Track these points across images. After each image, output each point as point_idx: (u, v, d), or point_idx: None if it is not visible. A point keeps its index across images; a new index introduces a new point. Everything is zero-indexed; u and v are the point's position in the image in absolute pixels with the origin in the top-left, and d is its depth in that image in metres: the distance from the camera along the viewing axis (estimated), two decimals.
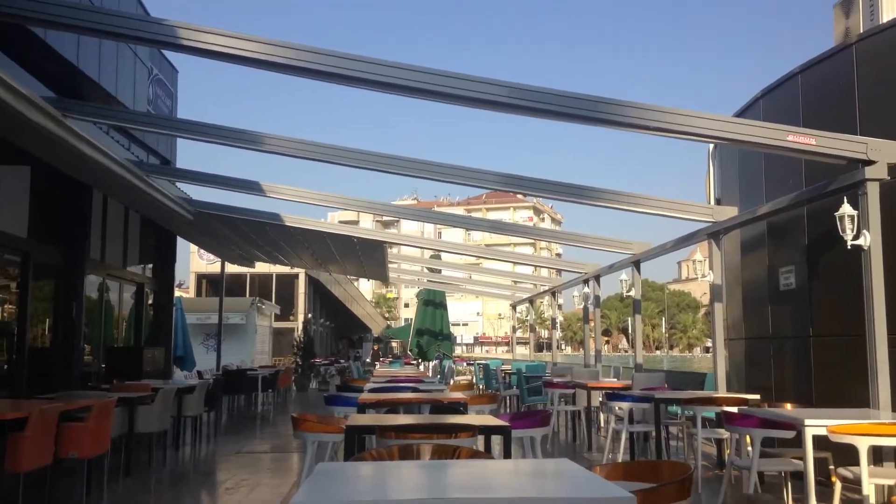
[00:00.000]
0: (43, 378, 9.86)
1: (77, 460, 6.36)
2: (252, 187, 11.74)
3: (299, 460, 8.77)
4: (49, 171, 9.32)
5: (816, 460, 5.12)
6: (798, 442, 5.10)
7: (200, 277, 36.08)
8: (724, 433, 7.13)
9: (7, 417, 5.30)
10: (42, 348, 10.37)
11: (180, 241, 15.74)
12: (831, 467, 5.34)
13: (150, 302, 14.49)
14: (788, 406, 6.44)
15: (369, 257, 17.40)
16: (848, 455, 4.84)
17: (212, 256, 25.00)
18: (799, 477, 5.18)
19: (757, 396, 7.57)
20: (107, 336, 12.55)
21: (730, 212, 9.29)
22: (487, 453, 4.52)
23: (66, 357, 10.52)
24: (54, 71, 9.17)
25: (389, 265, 19.16)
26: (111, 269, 12.53)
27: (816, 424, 4.87)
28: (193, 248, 32.70)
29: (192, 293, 35.55)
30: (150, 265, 14.67)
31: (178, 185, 12.50)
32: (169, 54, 13.61)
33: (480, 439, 4.70)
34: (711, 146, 10.98)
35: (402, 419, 5.31)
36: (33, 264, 9.72)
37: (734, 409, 6.05)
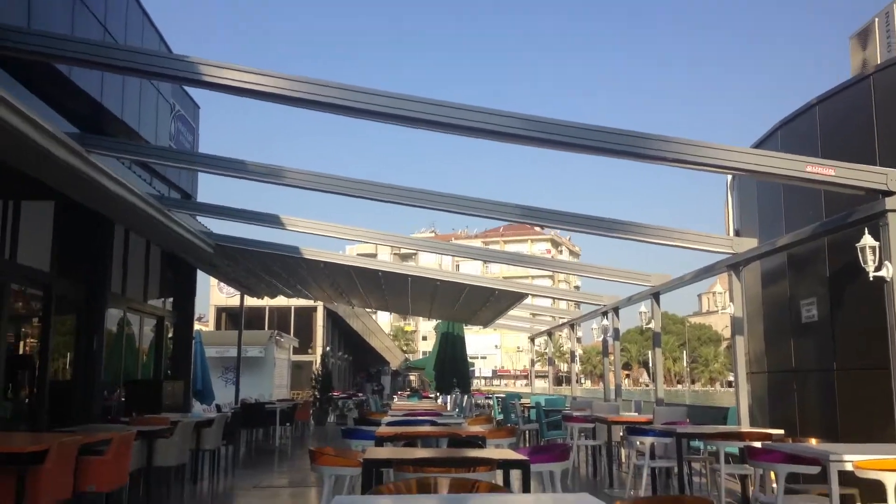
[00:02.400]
0: (63, 411, 9.91)
1: (96, 494, 6.36)
2: (271, 220, 11.85)
3: (317, 495, 8.71)
4: (72, 205, 9.47)
5: (843, 496, 5.01)
6: (824, 478, 4.99)
7: (220, 311, 36.28)
8: (749, 469, 7.00)
9: (27, 451, 5.32)
10: (63, 381, 10.44)
11: (200, 275, 15.88)
12: None
13: (169, 335, 14.56)
14: (813, 441, 6.32)
15: (392, 289, 17.50)
16: (875, 491, 4.73)
17: (231, 290, 25.16)
18: None
19: (781, 431, 7.43)
20: (127, 369, 12.61)
21: (749, 243, 9.23)
22: (506, 487, 4.47)
23: (86, 390, 10.57)
24: (78, 107, 9.36)
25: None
26: (132, 303, 12.64)
27: (842, 460, 4.77)
28: (213, 281, 32.93)
29: (211, 326, 35.73)
30: (171, 299, 14.78)
31: (199, 218, 12.65)
32: (191, 90, 13.86)
33: (499, 473, 4.64)
34: (730, 177, 10.95)
35: (420, 453, 5.28)
36: (55, 298, 9.83)
37: (758, 444, 5.95)
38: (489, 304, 17.84)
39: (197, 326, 17.92)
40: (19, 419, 9.22)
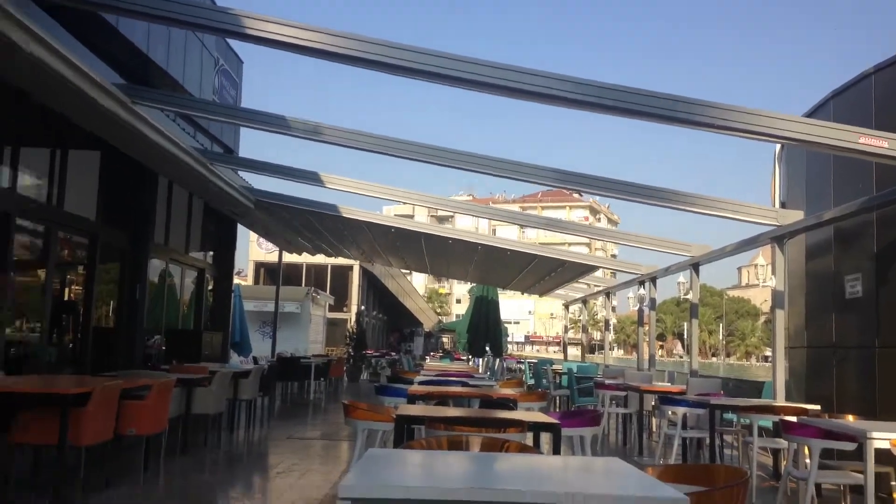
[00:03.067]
0: (106, 357, 10.19)
1: (136, 437, 6.56)
2: (311, 178, 11.91)
3: (349, 448, 8.87)
4: (118, 156, 9.61)
5: (878, 475, 4.95)
6: (859, 455, 4.93)
7: (258, 266, 36.82)
8: (782, 443, 6.94)
9: (71, 392, 5.49)
10: (106, 328, 10.72)
11: (240, 230, 16.09)
12: (893, 483, 5.15)
13: (210, 287, 14.83)
14: (850, 417, 6.23)
15: (432, 251, 17.57)
16: None
17: (270, 245, 25.48)
18: (858, 491, 5.01)
19: (817, 407, 7.34)
20: (168, 319, 12.90)
21: (795, 215, 9.02)
22: (536, 449, 4.49)
23: (128, 337, 10.85)
24: (124, 58, 9.44)
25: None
26: (174, 254, 12.87)
27: (879, 437, 4.70)
28: (253, 236, 33.37)
29: (250, 281, 36.32)
30: (211, 252, 15.02)
31: (240, 173, 12.76)
32: (235, 46, 13.89)
33: (529, 436, 4.66)
34: (778, 147, 10.67)
35: (452, 412, 5.32)
36: (100, 246, 10.05)
37: (793, 419, 5.89)
38: (528, 271, 17.82)
39: (236, 280, 18.21)
40: (64, 363, 9.51)
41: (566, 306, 24.56)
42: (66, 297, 10.19)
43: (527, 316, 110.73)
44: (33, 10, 7.03)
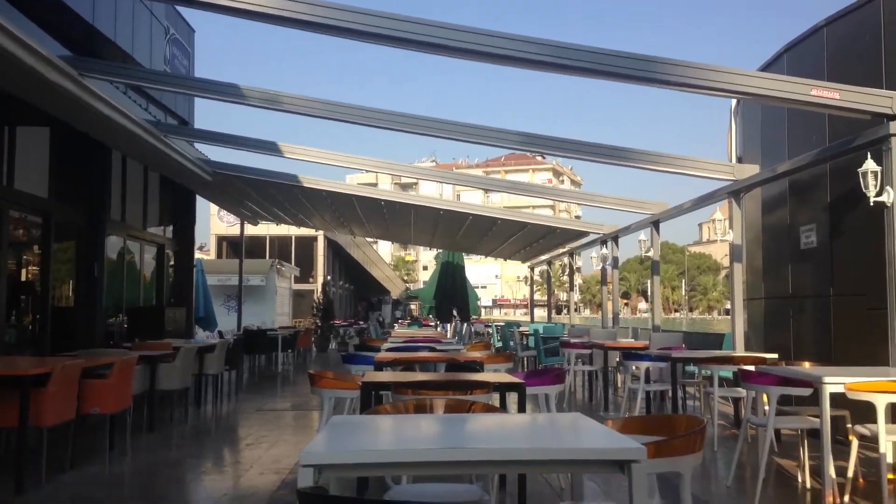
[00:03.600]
0: (66, 337, 10.03)
1: (100, 416, 6.48)
2: (270, 148, 11.75)
3: (319, 417, 8.89)
4: (68, 131, 9.36)
5: (834, 418, 5.09)
6: (815, 400, 5.07)
7: (221, 239, 36.39)
8: (741, 392, 7.12)
9: (30, 373, 5.40)
10: (65, 308, 10.53)
11: (201, 204, 15.85)
12: (849, 425, 5.31)
13: (171, 263, 14.63)
14: (806, 364, 6.40)
15: (395, 219, 17.54)
16: (866, 413, 4.81)
17: (232, 219, 25.18)
18: (816, 435, 5.15)
19: (775, 356, 7.52)
20: (129, 296, 12.72)
21: (751, 170, 9.16)
22: (502, 409, 4.54)
23: (88, 316, 10.68)
24: (70, 29, 9.15)
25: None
26: (132, 230, 12.64)
27: (834, 382, 4.83)
28: (214, 209, 32.95)
29: (212, 255, 35.89)
30: (171, 227, 14.79)
31: (197, 145, 12.52)
32: (186, 14, 13.53)
33: (496, 397, 4.71)
34: (734, 103, 10.78)
35: (419, 376, 5.34)
36: (55, 224, 9.83)
37: (751, 368, 6.03)
38: (491, 234, 17.89)
39: (198, 255, 17.99)
40: (23, 344, 9.35)
41: (531, 268, 24.75)
42: (22, 278, 9.98)
43: (494, 280, 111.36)
44: None
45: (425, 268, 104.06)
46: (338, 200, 15.30)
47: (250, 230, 21.35)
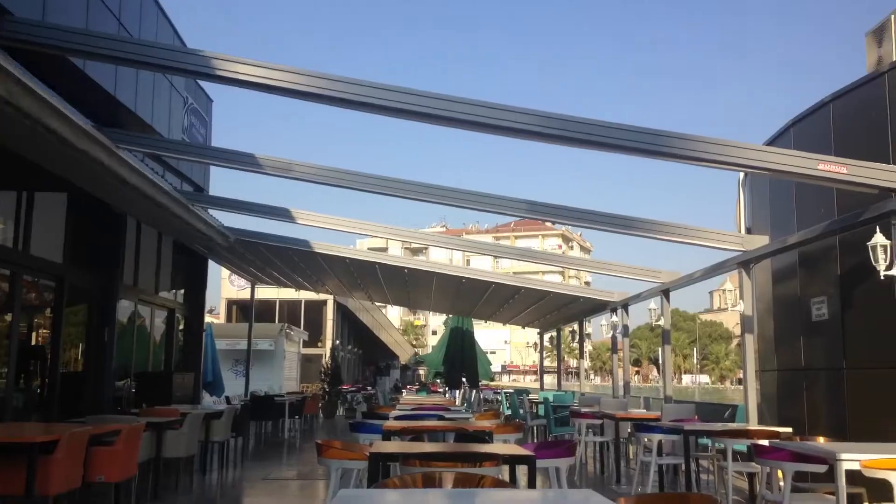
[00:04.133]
0: (74, 402, 9.99)
1: (105, 484, 6.42)
2: (283, 214, 11.91)
3: (325, 488, 8.75)
4: (84, 197, 9.53)
5: (850, 496, 5.00)
6: (831, 477, 4.98)
7: (231, 303, 36.44)
8: (756, 467, 6.99)
9: (38, 440, 5.37)
10: (74, 372, 10.53)
11: (212, 268, 15.97)
12: (865, 503, 5.20)
13: (180, 327, 14.65)
14: (821, 439, 6.30)
15: (415, 286, 17.71)
16: (882, 491, 4.72)
17: (242, 282, 25.25)
18: None
19: (789, 429, 7.42)
20: (138, 360, 12.71)
21: (760, 241, 9.19)
22: (512, 483, 4.48)
23: (97, 381, 10.66)
24: (91, 100, 9.39)
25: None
26: (143, 295, 12.72)
27: (849, 459, 4.75)
28: (225, 273, 33.10)
29: (222, 319, 35.89)
30: (182, 291, 14.87)
31: (211, 211, 12.70)
32: (204, 84, 13.90)
33: (505, 469, 4.66)
34: (742, 175, 10.90)
35: (427, 447, 5.30)
36: (67, 289, 9.91)
37: (765, 442, 5.94)
38: (512, 302, 17.94)
39: (208, 319, 18.02)
40: (31, 409, 9.31)
41: (541, 334, 24.62)
42: (33, 342, 10.00)
43: (503, 345, 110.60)
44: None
45: (434, 333, 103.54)
46: (358, 266, 15.46)
47: (260, 294, 21.42)
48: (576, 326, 19.93)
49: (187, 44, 12.41)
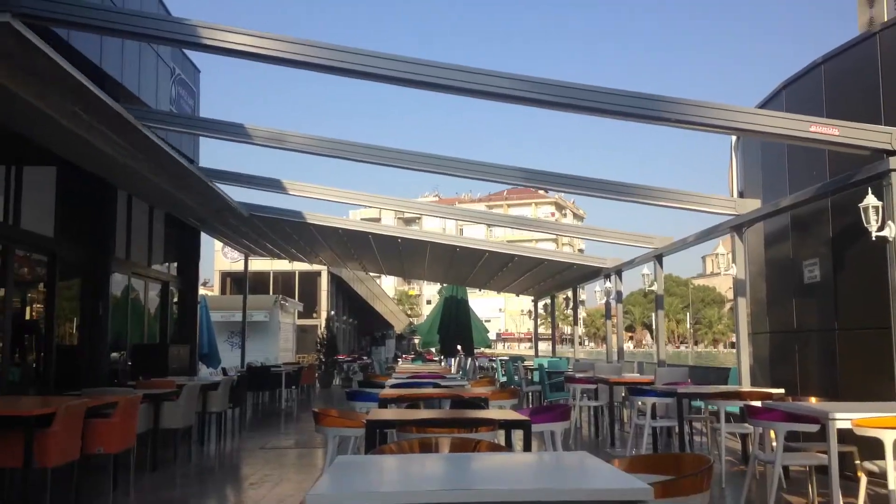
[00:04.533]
0: (70, 375, 10.02)
1: (104, 455, 6.46)
2: (274, 185, 11.85)
3: (323, 455, 8.82)
4: (74, 171, 9.46)
5: (842, 454, 5.07)
6: (823, 436, 5.05)
7: (225, 275, 36.44)
8: (749, 428, 7.07)
9: (34, 413, 5.39)
10: (69, 346, 10.54)
11: (205, 240, 15.93)
12: (857, 461, 5.27)
13: (175, 300, 14.65)
14: (813, 400, 6.37)
15: (409, 256, 17.75)
16: (874, 449, 4.78)
17: (236, 254, 25.21)
18: (824, 471, 5.12)
19: (781, 391, 7.49)
20: (133, 334, 12.72)
21: (752, 204, 9.20)
22: (508, 447, 4.53)
23: (92, 355, 10.67)
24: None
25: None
26: (136, 268, 12.69)
27: (841, 418, 4.81)
28: (218, 246, 33.04)
29: (216, 291, 35.93)
30: (175, 264, 14.84)
31: None
32: (191, 54, 13.73)
33: (501, 434, 4.70)
34: (734, 138, 10.87)
35: (423, 414, 5.33)
36: (60, 263, 9.88)
37: (757, 403, 6.00)
38: (506, 270, 17.98)
39: (202, 291, 18.02)
40: (27, 383, 9.33)
41: (535, 301, 24.73)
42: (27, 316, 10.00)
43: (497, 314, 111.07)
44: None
45: (429, 302, 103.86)
46: (352, 237, 15.43)
47: (254, 266, 21.42)
48: (570, 293, 20.01)
49: (172, 13, 12.23)
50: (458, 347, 22.86)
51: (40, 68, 6.17)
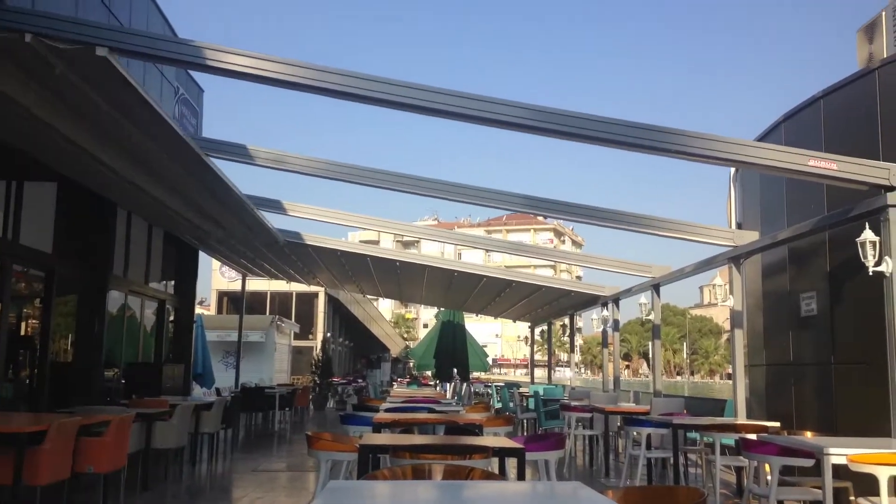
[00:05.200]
0: (63, 392, 9.95)
1: (94, 475, 6.41)
2: (274, 206, 11.87)
3: (315, 479, 8.76)
4: (74, 187, 9.47)
5: (837, 490, 5.04)
6: (818, 471, 5.02)
7: (222, 295, 36.34)
8: (744, 461, 7.03)
9: (26, 430, 5.36)
10: (63, 363, 10.48)
11: (203, 259, 15.92)
12: (851, 498, 5.24)
13: (171, 318, 14.60)
14: (808, 434, 6.34)
15: (407, 279, 17.77)
16: (869, 485, 4.75)
17: (234, 274, 25.19)
18: None
19: (777, 424, 7.45)
20: (127, 352, 12.66)
21: (751, 236, 9.23)
22: (501, 475, 4.50)
23: (86, 372, 10.61)
24: None
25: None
26: (133, 286, 12.66)
27: (836, 453, 4.79)
28: (216, 265, 33.02)
29: (213, 310, 35.80)
30: (172, 282, 14.81)
31: None
32: (195, 74, 13.82)
33: (495, 461, 4.67)
34: (733, 170, 10.93)
35: (417, 439, 5.30)
36: (57, 279, 9.85)
37: (753, 436, 5.97)
38: (504, 295, 17.98)
39: (198, 310, 17.96)
40: (19, 399, 9.27)
41: (532, 328, 24.68)
42: (22, 332, 9.96)
43: (494, 339, 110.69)
44: None
45: (425, 325, 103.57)
46: (350, 259, 15.45)
47: (251, 286, 21.36)
48: (567, 320, 19.98)
49: (178, 33, 12.33)
50: (454, 372, 22.77)
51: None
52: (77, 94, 6.59)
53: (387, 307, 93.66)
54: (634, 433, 8.44)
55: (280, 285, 28.37)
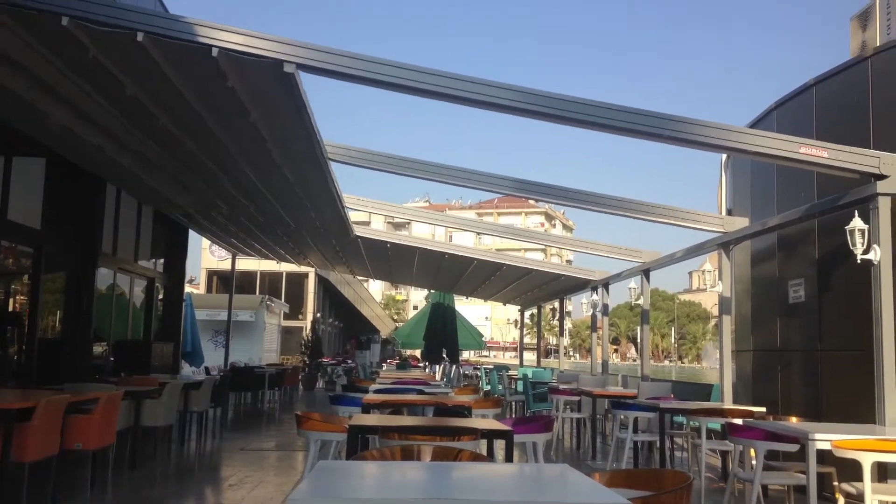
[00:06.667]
0: (52, 369, 9.93)
1: (83, 452, 6.41)
2: None
3: (304, 459, 8.79)
4: (63, 163, 9.39)
5: (820, 475, 5.10)
6: (803, 456, 5.08)
7: (211, 274, 36.29)
8: (729, 445, 7.10)
9: (15, 407, 5.35)
10: (52, 340, 10.45)
11: (192, 237, 15.85)
12: (835, 483, 5.30)
13: (160, 297, 14.57)
14: (794, 419, 6.41)
15: (398, 261, 17.77)
16: (853, 470, 4.82)
17: (223, 253, 25.12)
18: (802, 491, 5.15)
19: (763, 409, 7.53)
20: (116, 329, 12.63)
21: (741, 223, 9.26)
22: (489, 457, 4.53)
23: (75, 349, 10.59)
24: None
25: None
26: (123, 263, 12.61)
27: (821, 439, 4.84)
28: (205, 244, 32.91)
29: (202, 289, 35.74)
30: (162, 260, 14.76)
31: None
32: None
33: (483, 443, 4.70)
34: (724, 156, 10.95)
35: (406, 420, 5.33)
36: (45, 256, 9.80)
37: (739, 421, 6.03)
38: (494, 279, 18.00)
39: (188, 289, 17.92)
40: (8, 376, 9.25)
41: (521, 311, 24.75)
42: (10, 308, 9.92)
43: (484, 322, 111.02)
44: None
45: (415, 307, 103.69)
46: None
47: (241, 266, 21.32)
48: (556, 304, 20.05)
49: (170, 9, 12.18)
50: (444, 354, 22.84)
51: None
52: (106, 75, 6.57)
53: (377, 289, 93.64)
54: (622, 417, 8.50)
55: (270, 265, 28.32)
